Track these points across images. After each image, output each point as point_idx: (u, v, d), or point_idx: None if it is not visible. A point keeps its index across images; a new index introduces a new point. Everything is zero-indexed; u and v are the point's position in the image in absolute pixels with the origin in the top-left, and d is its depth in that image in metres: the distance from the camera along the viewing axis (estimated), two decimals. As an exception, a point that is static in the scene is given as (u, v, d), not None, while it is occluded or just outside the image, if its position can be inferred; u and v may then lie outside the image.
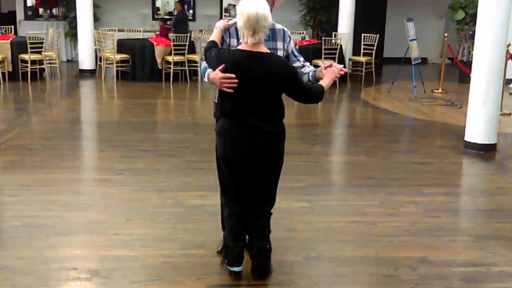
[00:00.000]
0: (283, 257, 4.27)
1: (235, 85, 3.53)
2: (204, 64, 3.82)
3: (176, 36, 12.29)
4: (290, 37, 3.94)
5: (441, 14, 16.50)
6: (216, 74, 3.59)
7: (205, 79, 3.76)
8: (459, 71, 12.87)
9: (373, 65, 13.35)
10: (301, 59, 3.98)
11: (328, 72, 3.77)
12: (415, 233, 4.78)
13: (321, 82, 3.73)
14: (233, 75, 3.51)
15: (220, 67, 3.55)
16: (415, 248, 4.48)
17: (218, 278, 3.94)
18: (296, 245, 4.48)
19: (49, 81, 12.50)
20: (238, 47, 3.64)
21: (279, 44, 3.86)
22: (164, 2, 16.25)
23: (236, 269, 3.88)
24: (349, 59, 13.79)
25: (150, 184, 5.86)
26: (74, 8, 13.76)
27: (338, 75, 3.79)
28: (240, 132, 3.66)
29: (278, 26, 3.91)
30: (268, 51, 3.62)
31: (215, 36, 3.79)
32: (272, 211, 4.05)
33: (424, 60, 15.39)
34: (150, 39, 12.89)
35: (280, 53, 3.84)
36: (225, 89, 3.56)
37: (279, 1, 3.99)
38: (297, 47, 11.83)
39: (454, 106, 10.56)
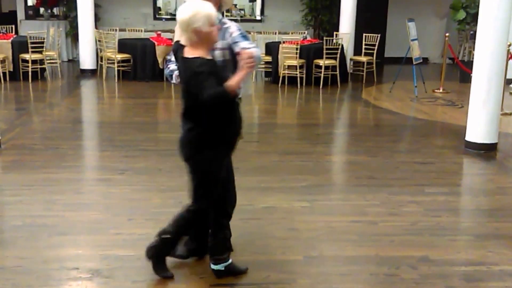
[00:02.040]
0: (284, 257, 4.28)
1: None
2: (171, 66, 3.91)
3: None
4: (230, 32, 3.87)
5: (442, 14, 16.49)
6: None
7: (174, 81, 3.89)
8: (460, 71, 12.86)
9: (374, 65, 13.35)
10: (241, 44, 3.82)
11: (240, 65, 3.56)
12: (416, 233, 4.79)
13: (229, 81, 3.48)
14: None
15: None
16: (416, 247, 4.49)
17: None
18: (297, 245, 4.48)
19: (50, 81, 12.50)
20: None
21: (219, 44, 3.84)
22: (165, 2, 16.24)
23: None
24: (351, 59, 13.79)
25: (152, 183, 5.86)
26: (75, 8, 13.75)
27: (248, 68, 3.50)
28: None
29: (227, 24, 3.90)
30: (190, 55, 3.56)
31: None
32: (273, 210, 4.05)
33: (425, 60, 15.38)
34: (151, 39, 12.89)
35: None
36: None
37: (227, 4, 4.01)
38: (298, 46, 11.97)
39: (455, 106, 10.56)
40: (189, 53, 3.55)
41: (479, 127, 7.32)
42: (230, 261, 3.91)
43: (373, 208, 5.31)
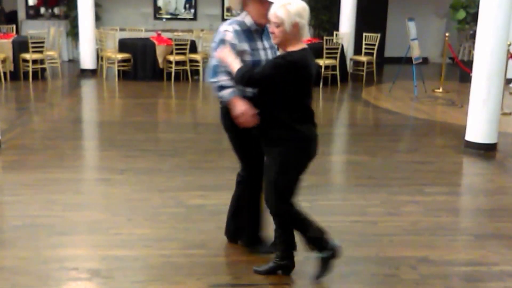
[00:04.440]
0: (284, 257, 4.27)
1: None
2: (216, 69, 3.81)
3: (177, 36, 12.30)
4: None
5: (442, 14, 16.49)
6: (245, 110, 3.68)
7: (227, 97, 3.77)
8: (460, 71, 12.86)
9: (374, 65, 13.35)
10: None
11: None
12: (416, 233, 4.78)
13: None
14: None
15: None
16: (416, 248, 4.49)
17: (219, 278, 3.94)
18: (297, 245, 4.47)
19: (50, 80, 12.50)
20: (297, 49, 3.56)
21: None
22: (166, 1, 16.24)
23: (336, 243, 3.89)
24: (351, 59, 13.79)
25: (151, 184, 5.86)
26: (75, 7, 13.76)
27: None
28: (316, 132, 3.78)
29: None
30: None
31: (231, 55, 3.70)
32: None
33: (425, 60, 15.38)
34: (151, 39, 12.90)
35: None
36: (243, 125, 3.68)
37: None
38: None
39: (455, 105, 10.55)
40: None
41: (479, 126, 7.32)
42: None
43: (373, 208, 5.31)
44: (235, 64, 3.63)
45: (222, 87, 3.77)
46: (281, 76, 3.50)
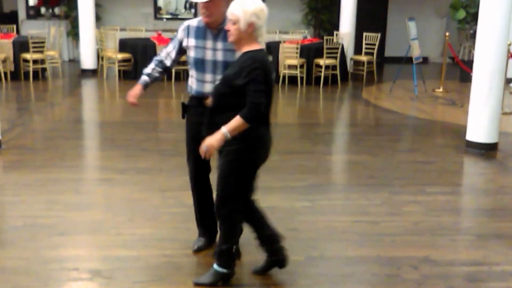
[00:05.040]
0: (285, 257, 4.27)
1: None
2: None
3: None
4: None
5: (442, 14, 16.48)
6: None
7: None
8: (460, 70, 12.86)
9: (374, 64, 13.35)
10: None
11: None
12: (417, 233, 4.78)
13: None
14: None
15: None
16: (417, 248, 4.48)
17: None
18: (298, 245, 4.47)
19: (51, 80, 12.50)
20: (256, 48, 3.54)
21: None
22: (166, 1, 16.24)
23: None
24: (351, 58, 13.78)
25: (152, 183, 5.86)
26: (76, 8, 13.76)
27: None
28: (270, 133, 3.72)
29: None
30: None
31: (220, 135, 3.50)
32: (273, 210, 4.05)
33: (425, 59, 15.37)
34: (152, 39, 12.90)
35: (229, 54, 3.91)
36: None
37: None
38: (298, 45, 11.96)
39: (456, 105, 10.55)
40: None
41: (479, 126, 7.31)
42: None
43: (374, 208, 5.31)
44: (235, 122, 3.45)
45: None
46: (262, 78, 3.48)
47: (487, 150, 7.27)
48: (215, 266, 3.78)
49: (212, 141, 3.46)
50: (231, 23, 3.50)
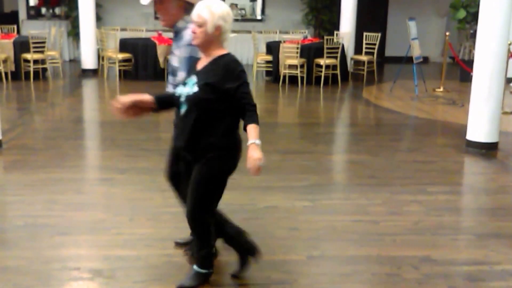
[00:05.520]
0: (286, 256, 4.28)
1: None
2: None
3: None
4: (184, 44, 3.83)
5: (442, 13, 16.48)
6: None
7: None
8: (461, 70, 12.86)
9: (374, 64, 13.36)
10: (179, 74, 3.88)
11: None
12: (418, 232, 4.78)
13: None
14: None
15: None
16: (418, 247, 4.48)
17: (221, 277, 3.94)
18: (299, 244, 4.48)
19: (51, 80, 12.51)
20: (227, 52, 3.48)
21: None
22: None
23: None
24: (351, 58, 13.79)
25: (153, 183, 5.85)
26: (76, 8, 13.78)
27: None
28: None
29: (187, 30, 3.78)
30: None
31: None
32: (274, 209, 4.04)
33: (425, 59, 15.38)
34: (152, 38, 12.90)
35: (175, 59, 3.89)
36: None
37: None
38: (298, 45, 11.97)
39: (456, 105, 10.55)
40: None
41: (480, 126, 7.31)
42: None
43: (375, 208, 5.31)
44: (256, 129, 3.38)
45: None
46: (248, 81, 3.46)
47: (488, 150, 7.28)
48: (196, 267, 3.74)
49: (258, 154, 3.28)
50: (197, 25, 3.40)
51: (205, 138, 3.44)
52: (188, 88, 3.46)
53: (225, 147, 3.47)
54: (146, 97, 3.62)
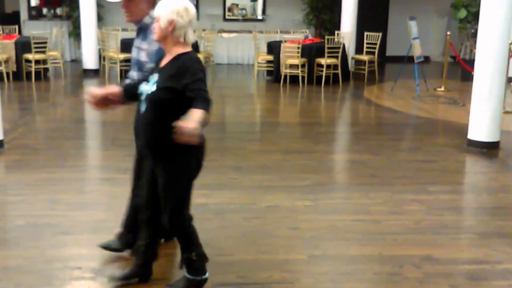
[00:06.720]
0: (287, 256, 4.29)
1: None
2: None
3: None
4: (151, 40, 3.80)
5: (443, 13, 16.48)
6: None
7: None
8: (462, 70, 12.86)
9: (375, 64, 13.36)
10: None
11: None
12: (419, 231, 4.79)
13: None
14: None
15: None
16: (419, 246, 4.49)
17: (223, 277, 3.94)
18: (300, 244, 4.49)
19: (53, 80, 12.53)
20: (188, 50, 3.42)
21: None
22: (167, 1, 16.25)
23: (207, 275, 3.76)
24: (352, 58, 13.79)
25: (154, 183, 5.86)
26: (77, 8, 13.79)
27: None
28: None
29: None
30: None
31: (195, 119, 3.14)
32: (275, 209, 4.04)
33: (426, 59, 15.37)
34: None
35: (143, 54, 3.90)
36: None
37: None
38: (299, 45, 11.98)
39: (457, 104, 10.55)
40: None
41: (481, 125, 7.31)
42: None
43: (376, 207, 5.31)
44: (199, 112, 3.13)
45: None
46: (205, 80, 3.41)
47: (489, 149, 7.28)
48: (186, 274, 3.69)
49: (194, 123, 3.04)
50: (155, 21, 3.41)
51: (165, 137, 3.32)
52: (149, 86, 3.44)
53: (186, 146, 3.24)
54: (115, 89, 3.58)
